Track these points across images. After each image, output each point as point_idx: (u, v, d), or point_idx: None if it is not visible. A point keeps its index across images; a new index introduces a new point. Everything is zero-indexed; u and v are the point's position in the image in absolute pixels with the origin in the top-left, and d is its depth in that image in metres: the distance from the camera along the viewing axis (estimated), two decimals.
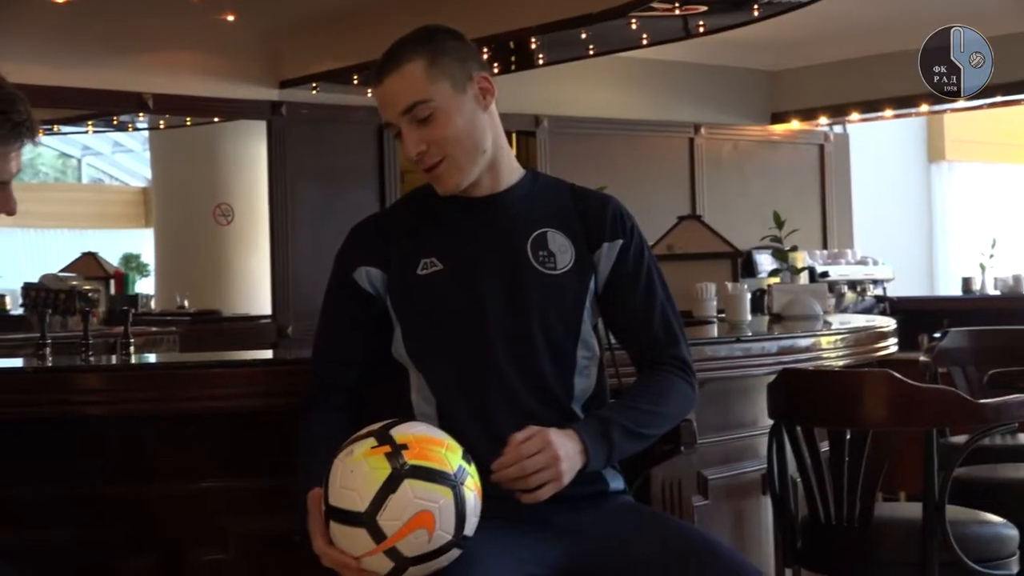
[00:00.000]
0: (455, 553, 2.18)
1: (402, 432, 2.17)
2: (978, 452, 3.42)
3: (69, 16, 8.93)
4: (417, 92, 2.44)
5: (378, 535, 2.12)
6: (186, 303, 10.09)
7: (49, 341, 3.48)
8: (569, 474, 2.31)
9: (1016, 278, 10.03)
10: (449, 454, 2.16)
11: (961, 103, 11.55)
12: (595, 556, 2.38)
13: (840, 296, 9.29)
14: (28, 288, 4.00)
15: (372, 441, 2.16)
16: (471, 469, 2.18)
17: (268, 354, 3.62)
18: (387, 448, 2.14)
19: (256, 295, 10.41)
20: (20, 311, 8.06)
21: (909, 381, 2.81)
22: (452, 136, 2.47)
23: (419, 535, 2.11)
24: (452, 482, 2.13)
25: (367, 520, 2.12)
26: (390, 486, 2.11)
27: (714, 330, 4.06)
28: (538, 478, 2.27)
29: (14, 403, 2.78)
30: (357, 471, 2.13)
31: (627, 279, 2.58)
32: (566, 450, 2.32)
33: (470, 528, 2.18)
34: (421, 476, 2.11)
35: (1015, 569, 2.97)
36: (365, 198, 10.07)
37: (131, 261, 12.81)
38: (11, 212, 2.27)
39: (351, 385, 2.56)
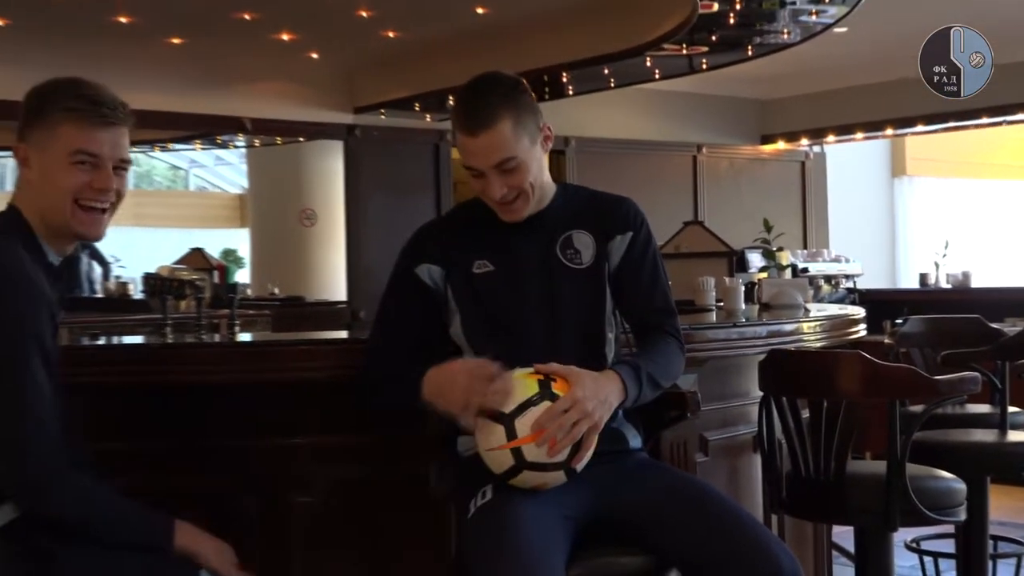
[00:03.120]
0: (561, 477, 2.26)
1: (551, 370, 2.31)
2: (933, 419, 3.42)
3: (182, 54, 9.00)
4: (507, 150, 2.42)
5: (511, 434, 2.21)
6: (276, 290, 10.13)
7: (169, 321, 3.51)
8: (604, 414, 2.32)
9: (965, 274, 9.95)
10: None
11: (920, 127, 11.49)
12: (618, 501, 2.40)
13: (817, 288, 9.24)
14: (148, 277, 4.02)
15: (530, 369, 2.30)
16: None
17: (344, 334, 3.64)
18: (540, 376, 2.27)
19: (334, 284, 10.45)
20: (140, 296, 8.16)
21: (876, 360, 2.80)
22: (528, 180, 2.47)
23: (541, 447, 2.22)
24: None
25: (507, 420, 2.21)
26: (533, 401, 2.22)
27: (713, 317, 4.05)
28: (578, 429, 2.27)
29: (142, 372, 2.81)
30: (513, 383, 2.27)
31: (635, 264, 2.57)
32: (605, 394, 2.32)
33: (580, 463, 2.27)
34: None
35: (963, 516, 2.96)
36: (423, 204, 10.11)
37: (230, 255, 12.84)
38: (108, 188, 2.23)
39: (404, 359, 2.51)
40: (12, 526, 2.11)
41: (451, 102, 7.49)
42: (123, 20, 7.98)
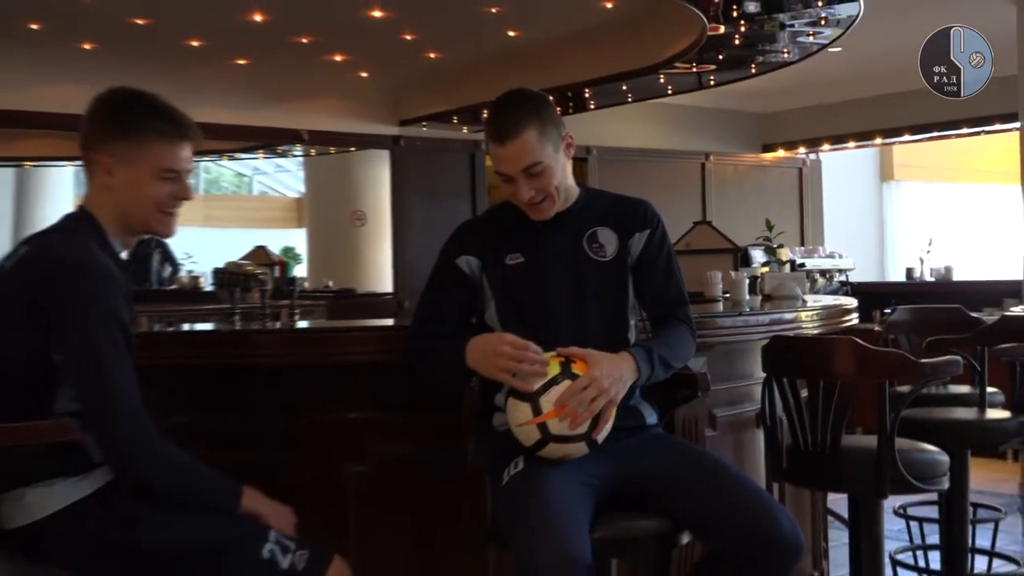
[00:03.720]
0: (584, 448, 2.26)
1: (571, 352, 2.33)
2: (919, 399, 3.40)
3: (247, 74, 9.05)
4: (533, 156, 2.43)
5: (536, 410, 2.22)
6: (330, 283, 10.14)
7: (237, 311, 3.52)
8: (620, 390, 2.33)
9: (947, 268, 9.89)
10: None
11: (906, 136, 11.41)
12: (636, 471, 2.40)
13: (814, 281, 9.20)
14: (218, 271, 4.05)
15: (552, 352, 2.31)
16: None
17: (390, 322, 3.64)
18: (561, 359, 2.29)
19: (381, 278, 10.49)
20: (211, 288, 8.20)
21: (867, 345, 2.78)
22: (554, 184, 2.48)
23: (564, 421, 2.23)
24: None
25: (533, 398, 2.23)
26: (556, 380, 2.24)
27: (721, 306, 4.03)
28: (596, 403, 2.29)
29: (213, 356, 2.83)
30: None
31: (652, 258, 2.58)
32: (620, 372, 2.33)
33: (600, 435, 2.27)
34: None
35: (946, 485, 2.94)
36: (461, 206, 10.14)
37: (289, 252, 12.90)
38: (187, 198, 2.29)
39: (444, 339, 2.52)
40: (100, 492, 2.13)
41: (484, 115, 7.51)
42: (195, 44, 8.03)
